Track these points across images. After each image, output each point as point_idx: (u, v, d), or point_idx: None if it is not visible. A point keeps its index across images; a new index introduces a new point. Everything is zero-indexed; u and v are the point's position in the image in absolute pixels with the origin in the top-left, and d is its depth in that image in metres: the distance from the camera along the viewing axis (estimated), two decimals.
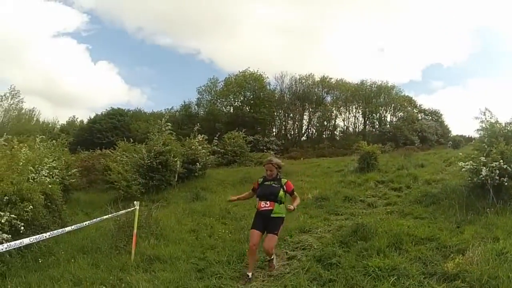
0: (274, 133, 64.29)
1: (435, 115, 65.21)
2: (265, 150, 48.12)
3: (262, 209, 7.96)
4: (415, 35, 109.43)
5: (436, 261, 7.27)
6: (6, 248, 5.29)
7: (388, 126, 62.18)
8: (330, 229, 11.06)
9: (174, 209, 15.53)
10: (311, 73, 67.73)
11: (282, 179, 8.31)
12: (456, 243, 8.06)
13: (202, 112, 65.32)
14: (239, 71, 65.67)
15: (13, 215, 9.58)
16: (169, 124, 25.07)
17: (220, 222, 12.49)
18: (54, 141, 23.32)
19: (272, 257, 8.12)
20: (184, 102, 67.25)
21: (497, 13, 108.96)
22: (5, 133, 15.88)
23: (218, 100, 65.22)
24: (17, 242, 5.47)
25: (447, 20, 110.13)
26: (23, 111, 56.23)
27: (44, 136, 22.69)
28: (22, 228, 9.64)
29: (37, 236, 6.11)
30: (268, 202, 7.95)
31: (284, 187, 8.16)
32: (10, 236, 9.14)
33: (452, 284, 6.23)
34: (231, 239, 10.33)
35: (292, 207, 7.74)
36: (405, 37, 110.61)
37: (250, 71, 64.35)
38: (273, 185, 8.14)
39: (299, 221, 11.67)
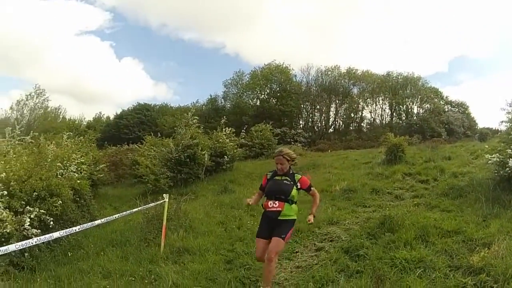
0: (301, 126, 63.94)
1: (462, 107, 64.29)
2: (292, 143, 47.97)
3: (269, 209, 6.72)
4: (441, 27, 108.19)
5: (462, 254, 7.22)
6: (36, 242, 5.38)
7: (415, 118, 61.38)
8: (357, 221, 11.09)
9: (202, 201, 15.74)
10: (336, 65, 67.22)
11: (295, 174, 6.91)
12: (482, 236, 8.01)
13: (228, 105, 65.27)
14: (264, 64, 65.77)
15: (42, 210, 9.77)
16: (196, 117, 25.31)
17: (249, 214, 12.54)
18: (81, 138, 23.68)
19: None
20: (211, 96, 67.28)
21: None
22: (32, 131, 15.99)
23: (245, 93, 65.08)
24: (47, 236, 5.56)
25: (474, 12, 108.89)
26: (49, 109, 57.78)
27: (71, 133, 22.85)
28: (52, 222, 9.83)
29: (66, 229, 6.20)
30: (276, 202, 6.66)
31: (298, 184, 6.78)
32: (40, 231, 9.32)
33: (477, 277, 6.17)
34: None
35: (311, 217, 6.78)
36: (432, 28, 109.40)
37: (276, 63, 64.19)
38: (285, 181, 6.78)
39: (327, 213, 11.72)
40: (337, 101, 65.71)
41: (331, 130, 65.47)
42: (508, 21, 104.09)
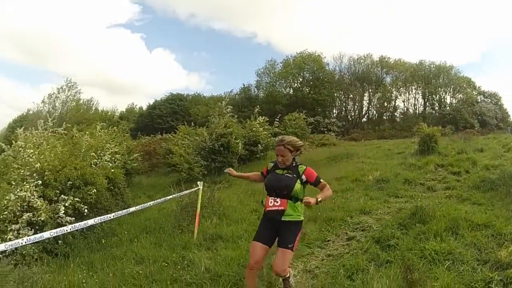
0: (334, 115, 63.99)
1: (494, 98, 63.27)
2: (325, 132, 48.28)
3: (270, 209, 5.59)
4: (475, 15, 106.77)
5: (490, 249, 7.17)
6: (70, 229, 5.53)
7: (447, 108, 60.80)
8: (389, 211, 11.01)
9: (236, 190, 15.95)
10: (369, 53, 67.06)
11: (299, 166, 5.63)
12: (511, 231, 7.91)
13: (262, 95, 65.43)
14: (296, 52, 65.72)
15: (76, 199, 10.10)
16: (229, 106, 25.85)
17: None
18: (115, 128, 24.03)
19: (288, 275, 5.80)
20: (244, 85, 67.59)
21: None
22: (64, 123, 16.31)
23: (277, 82, 65.13)
24: (82, 223, 5.71)
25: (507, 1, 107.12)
26: (81, 101, 58.62)
27: (104, 124, 23.28)
28: (86, 210, 10.15)
29: (101, 217, 6.35)
30: (278, 200, 5.51)
31: (303, 177, 5.51)
32: (74, 219, 9.67)
33: (504, 272, 6.10)
34: None
35: (311, 199, 5.12)
36: (465, 17, 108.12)
37: (308, 52, 64.28)
38: (287, 175, 5.55)
39: (359, 203, 11.70)
40: (370, 90, 65.40)
41: (364, 119, 65.41)
42: None
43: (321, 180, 5.58)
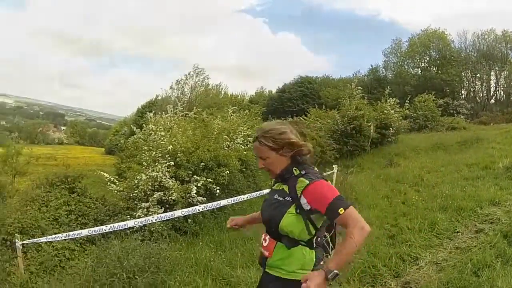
0: (463, 96, 61.21)
1: None
2: (455, 115, 46.36)
3: (260, 249, 3.27)
4: None
5: None
6: (202, 209, 5.61)
7: None
8: None
9: (368, 174, 16.02)
10: (492, 28, 62.98)
11: (300, 178, 2.81)
12: None
13: (390, 75, 64.55)
14: (421, 30, 64.39)
15: (209, 179, 10.63)
16: (359, 88, 25.76)
17: (413, 189, 12.29)
18: (247, 111, 24.52)
19: None
20: (371, 66, 67.03)
21: None
22: (194, 107, 17.35)
23: (405, 62, 63.98)
24: (214, 203, 5.82)
25: None
26: (210, 86, 61.24)
27: (236, 107, 24.27)
28: (218, 191, 10.60)
29: (234, 198, 6.49)
30: (267, 239, 3.10)
31: (303, 199, 2.76)
32: (205, 199, 10.16)
33: None
34: (423, 206, 10.05)
35: (311, 279, 2.42)
36: None
37: (432, 29, 62.80)
38: (277, 196, 3.00)
39: (489, 192, 11.05)
40: (497, 68, 61.89)
41: (492, 101, 62.45)
42: None
43: (342, 210, 2.78)
